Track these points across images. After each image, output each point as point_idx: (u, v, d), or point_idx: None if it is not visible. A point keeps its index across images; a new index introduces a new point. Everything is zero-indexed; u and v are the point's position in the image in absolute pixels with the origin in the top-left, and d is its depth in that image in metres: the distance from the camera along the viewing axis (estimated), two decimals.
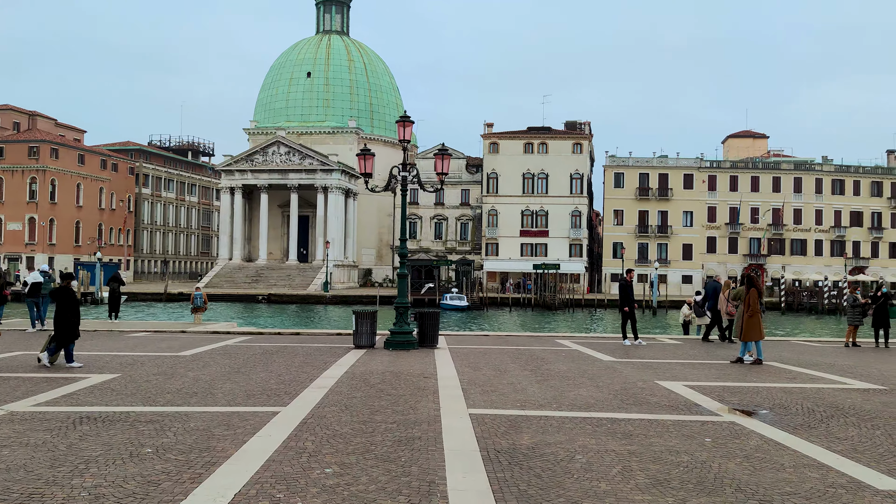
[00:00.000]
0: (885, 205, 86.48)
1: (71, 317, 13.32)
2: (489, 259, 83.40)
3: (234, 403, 9.66)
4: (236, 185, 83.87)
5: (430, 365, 14.22)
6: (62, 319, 13.24)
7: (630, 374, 13.41)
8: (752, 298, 15.71)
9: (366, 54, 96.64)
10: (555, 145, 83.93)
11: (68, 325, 13.24)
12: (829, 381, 13.07)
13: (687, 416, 9.41)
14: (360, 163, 17.81)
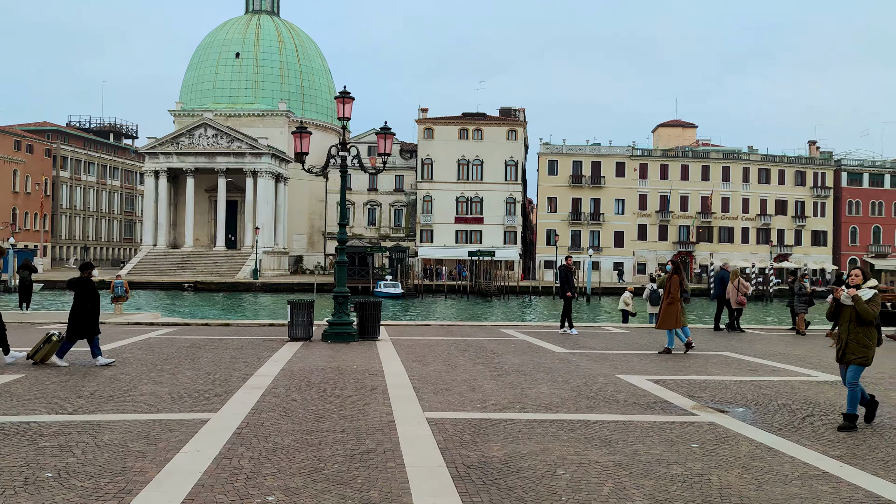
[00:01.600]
0: (808, 194, 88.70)
1: (93, 309, 12.20)
2: (424, 246, 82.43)
3: (157, 409, 8.46)
4: (161, 169, 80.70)
5: (374, 360, 13.18)
6: (83, 312, 12.08)
7: (587, 367, 12.64)
8: (673, 286, 15.17)
9: (297, 35, 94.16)
10: (490, 132, 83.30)
11: (90, 318, 12.10)
12: (791, 372, 12.54)
13: (661, 415, 8.63)
14: (295, 141, 16.56)
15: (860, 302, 8.02)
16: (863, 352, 8.13)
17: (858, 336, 8.10)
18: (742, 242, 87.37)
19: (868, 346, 8.14)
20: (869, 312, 8.02)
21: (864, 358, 8.14)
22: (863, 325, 8.10)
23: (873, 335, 8.22)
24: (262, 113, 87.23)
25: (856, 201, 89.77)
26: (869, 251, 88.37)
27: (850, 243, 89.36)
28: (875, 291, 8.10)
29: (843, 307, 8.25)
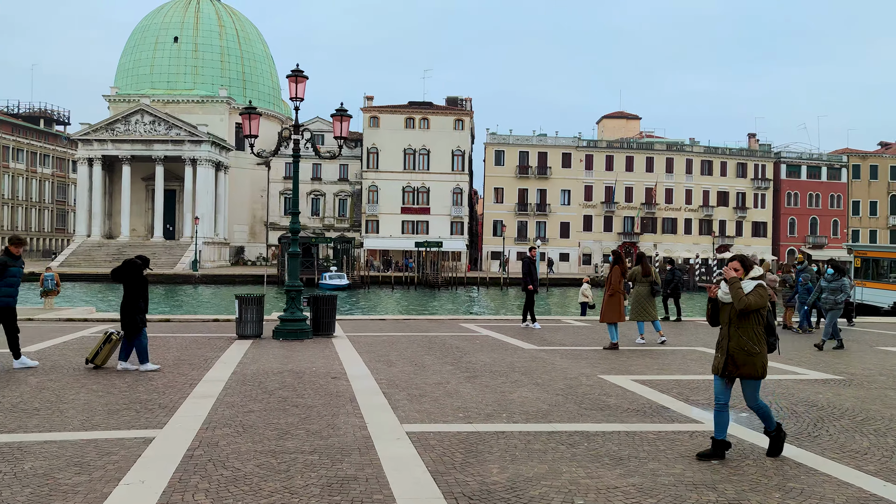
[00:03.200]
0: (749, 186, 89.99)
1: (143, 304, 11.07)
2: (369, 237, 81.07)
3: (91, 425, 7.28)
4: (95, 157, 77.47)
5: (333, 360, 12.11)
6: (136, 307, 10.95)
7: (564, 366, 11.80)
8: (614, 277, 14.46)
9: (238, 20, 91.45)
10: (436, 121, 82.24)
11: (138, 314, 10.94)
12: (777, 370, 11.89)
13: (664, 424, 7.80)
14: (244, 122, 15.28)
15: (735, 286, 6.39)
16: (750, 361, 6.38)
17: (741, 340, 6.38)
18: (685, 233, 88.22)
19: (754, 353, 6.38)
20: (742, 299, 6.33)
21: (753, 367, 6.41)
22: (744, 323, 6.38)
23: (759, 338, 6.43)
24: (201, 99, 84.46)
25: (794, 193, 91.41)
26: (807, 242, 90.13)
27: (789, 234, 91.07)
28: (760, 283, 6.46)
29: (724, 306, 6.57)
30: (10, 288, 10.84)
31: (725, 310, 6.57)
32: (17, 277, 10.94)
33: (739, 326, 6.41)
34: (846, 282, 15.52)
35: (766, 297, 6.41)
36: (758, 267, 6.62)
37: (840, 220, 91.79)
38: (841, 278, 15.48)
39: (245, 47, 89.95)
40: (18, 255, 11.03)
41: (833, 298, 15.37)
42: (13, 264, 10.87)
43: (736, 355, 6.40)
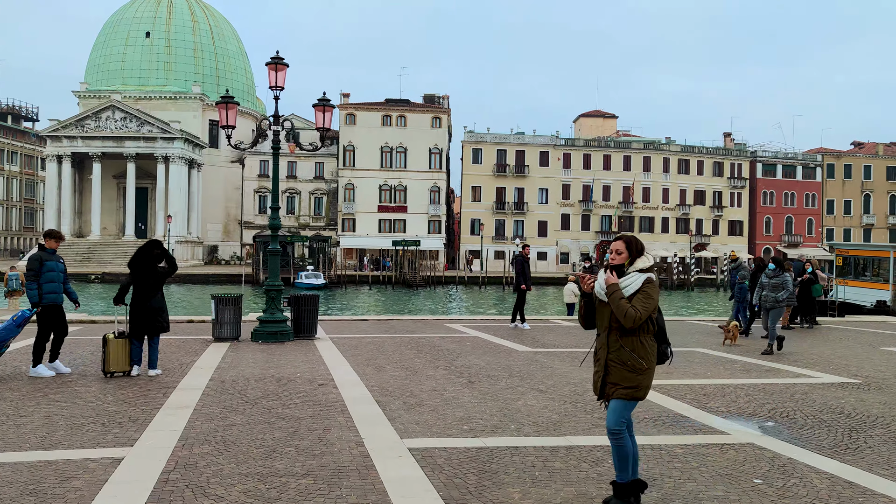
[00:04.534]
0: (725, 184, 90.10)
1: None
2: (346, 235, 80.00)
3: (52, 443, 6.44)
4: (65, 154, 75.66)
5: (318, 364, 11.31)
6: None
7: (566, 370, 11.10)
8: None
9: (212, 16, 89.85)
10: (414, 118, 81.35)
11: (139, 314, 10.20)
12: (789, 373, 11.31)
13: (688, 435, 7.12)
14: (220, 113, 14.43)
15: (616, 295, 4.84)
16: (630, 379, 4.88)
17: (622, 353, 4.89)
18: (662, 232, 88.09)
19: (639, 370, 4.88)
20: (628, 313, 4.78)
21: (633, 388, 4.90)
22: (628, 335, 4.90)
23: (648, 350, 4.94)
24: (174, 96, 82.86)
25: (770, 192, 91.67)
26: (782, 240, 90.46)
27: (765, 233, 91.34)
28: (648, 276, 4.88)
29: (603, 305, 5.00)
30: (53, 284, 10.04)
31: (604, 310, 4.99)
32: (57, 272, 10.12)
33: (623, 334, 4.90)
34: (788, 278, 14.09)
35: (656, 297, 4.89)
36: (647, 255, 5.00)
37: (815, 218, 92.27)
38: (782, 274, 14.11)
39: (219, 43, 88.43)
40: (55, 250, 10.22)
41: (773, 296, 13.93)
42: (50, 258, 10.08)
43: (614, 371, 4.92)
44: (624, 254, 4.98)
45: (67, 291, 10.25)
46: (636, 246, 5.00)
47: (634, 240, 5.00)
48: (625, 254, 4.98)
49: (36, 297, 9.94)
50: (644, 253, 4.99)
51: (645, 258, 4.96)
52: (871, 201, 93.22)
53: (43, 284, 9.97)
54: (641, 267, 4.93)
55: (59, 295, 10.14)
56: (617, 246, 5.02)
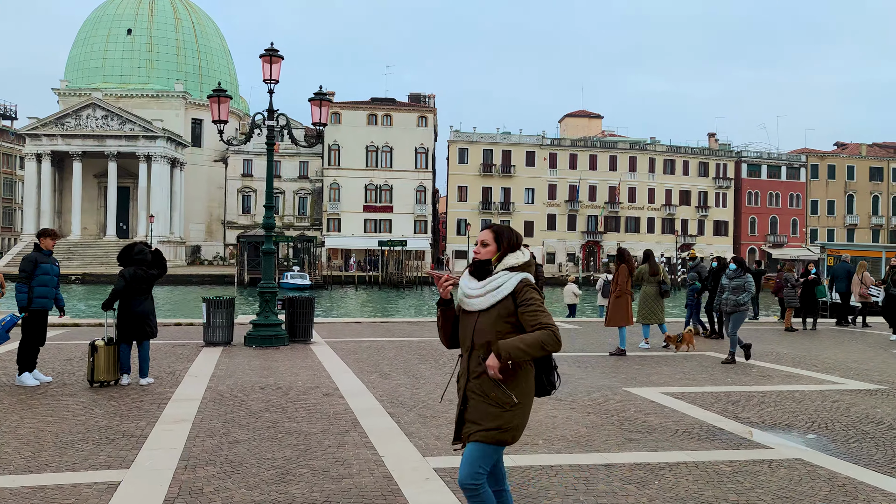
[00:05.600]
0: (711, 184, 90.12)
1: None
2: (331, 235, 79.22)
3: (38, 465, 5.82)
4: (44, 152, 74.33)
5: (318, 371, 10.72)
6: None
7: (580, 377, 10.57)
8: (621, 277, 13.35)
9: (195, 13, 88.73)
10: (400, 118, 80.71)
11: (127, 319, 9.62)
12: (812, 379, 10.85)
13: (730, 451, 6.61)
14: (212, 107, 13.80)
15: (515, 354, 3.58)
16: (493, 417, 3.66)
17: (485, 382, 3.67)
18: (648, 232, 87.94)
19: (506, 405, 3.65)
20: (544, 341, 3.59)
21: (497, 430, 3.67)
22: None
23: (520, 378, 3.73)
24: (156, 94, 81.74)
25: (755, 192, 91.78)
26: (767, 241, 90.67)
27: (750, 233, 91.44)
28: (524, 278, 3.72)
29: (467, 315, 3.81)
30: (45, 288, 9.34)
31: (467, 322, 3.78)
32: (51, 276, 9.41)
33: (488, 356, 3.64)
34: (750, 279, 12.82)
35: (538, 304, 3.71)
36: (523, 250, 3.88)
37: (799, 219, 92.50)
38: (744, 274, 12.84)
39: (202, 41, 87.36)
40: (51, 251, 9.53)
41: (735, 299, 12.62)
42: (45, 261, 9.38)
43: (474, 405, 3.69)
44: (491, 246, 3.81)
45: (56, 298, 9.56)
46: (508, 238, 3.82)
47: (507, 230, 3.86)
48: (492, 246, 3.81)
49: (25, 300, 9.25)
50: (520, 248, 3.86)
51: (519, 253, 3.81)
52: (854, 201, 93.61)
53: (34, 288, 9.29)
54: (512, 264, 3.75)
55: (50, 301, 9.46)
56: (484, 237, 3.84)
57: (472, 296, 3.73)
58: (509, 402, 3.65)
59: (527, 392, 3.74)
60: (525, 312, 3.63)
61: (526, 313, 3.63)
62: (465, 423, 3.75)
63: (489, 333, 3.67)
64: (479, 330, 3.70)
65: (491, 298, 3.67)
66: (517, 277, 3.69)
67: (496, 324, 3.66)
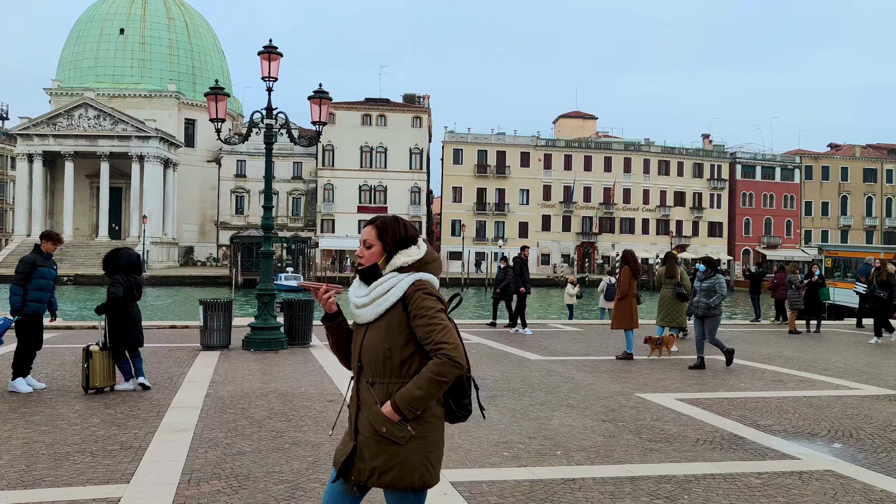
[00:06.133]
0: (705, 185, 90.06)
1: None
2: (325, 236, 78.83)
3: (33, 479, 5.49)
4: (36, 152, 73.75)
5: (320, 376, 10.42)
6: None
7: (590, 382, 10.30)
8: (623, 279, 13.10)
9: (187, 13, 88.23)
10: (394, 118, 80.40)
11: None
12: (827, 384, 10.59)
13: (756, 461, 6.33)
14: (209, 105, 13.48)
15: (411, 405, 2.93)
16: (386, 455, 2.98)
17: (374, 411, 3.00)
18: (643, 233, 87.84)
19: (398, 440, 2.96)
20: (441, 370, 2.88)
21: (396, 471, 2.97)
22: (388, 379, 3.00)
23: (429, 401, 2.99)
24: (149, 94, 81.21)
25: (749, 193, 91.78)
26: (761, 242, 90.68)
27: (744, 234, 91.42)
28: (417, 279, 3.03)
29: (356, 326, 3.16)
30: (40, 292, 9.00)
31: (356, 337, 3.11)
32: (48, 280, 9.06)
33: (378, 377, 3.01)
34: (721, 280, 12.12)
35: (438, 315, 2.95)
36: (419, 244, 3.11)
37: (794, 220, 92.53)
38: (714, 275, 12.21)
39: (195, 41, 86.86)
40: (51, 254, 9.21)
41: (706, 302, 11.98)
42: (44, 264, 9.05)
43: (365, 439, 3.01)
44: (375, 247, 3.07)
45: (49, 301, 9.22)
46: (394, 231, 3.07)
47: (393, 222, 3.09)
48: (376, 246, 3.07)
49: (19, 303, 8.91)
50: (414, 242, 3.10)
51: (412, 249, 3.07)
52: (848, 203, 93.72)
53: (29, 291, 8.95)
54: (402, 264, 3.03)
55: (44, 305, 9.12)
56: (365, 235, 3.11)
57: (358, 305, 3.06)
58: (401, 436, 2.92)
59: (429, 420, 2.98)
60: (417, 326, 2.93)
61: (418, 327, 2.93)
62: (356, 461, 3.01)
63: (378, 350, 2.97)
64: (367, 346, 3.01)
65: (377, 308, 2.99)
66: (408, 279, 3.00)
67: (387, 337, 2.96)
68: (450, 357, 2.86)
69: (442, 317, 2.94)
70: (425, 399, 2.89)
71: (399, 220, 3.13)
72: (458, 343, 2.91)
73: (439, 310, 2.96)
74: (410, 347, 2.97)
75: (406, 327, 2.97)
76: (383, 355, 2.97)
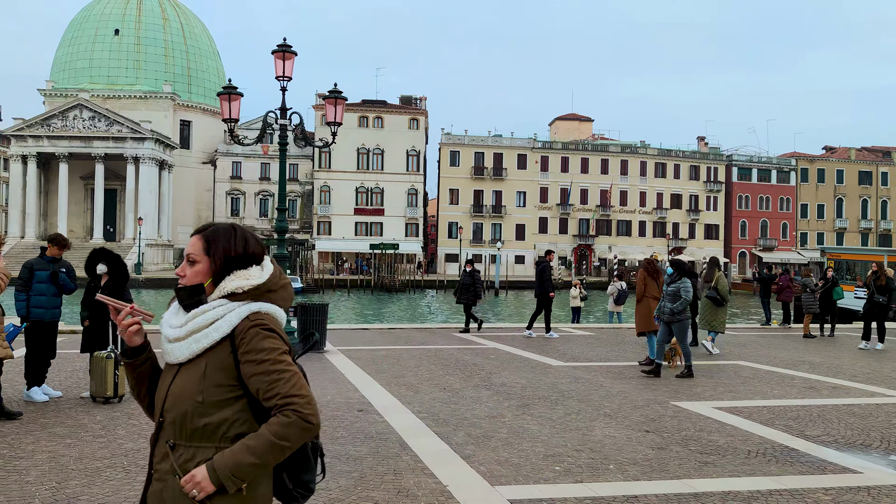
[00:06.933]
0: (702, 188, 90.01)
1: None
2: (321, 238, 78.42)
3: (65, 497, 5.17)
4: (30, 153, 73.10)
5: (343, 384, 10.12)
6: None
7: (621, 390, 10.03)
8: (640, 279, 12.93)
9: (183, 14, 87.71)
10: (391, 120, 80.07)
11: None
12: (862, 391, 10.36)
13: (817, 475, 6.08)
14: (222, 105, 13.18)
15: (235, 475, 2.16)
16: None
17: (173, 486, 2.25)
18: (639, 235, 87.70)
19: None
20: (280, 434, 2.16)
21: None
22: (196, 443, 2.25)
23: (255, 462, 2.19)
24: (144, 95, 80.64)
25: (745, 196, 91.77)
26: (757, 244, 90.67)
27: (741, 237, 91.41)
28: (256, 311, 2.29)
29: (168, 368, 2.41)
30: (42, 297, 8.68)
31: (164, 380, 2.38)
32: (48, 284, 8.72)
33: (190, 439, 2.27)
34: (687, 284, 11.37)
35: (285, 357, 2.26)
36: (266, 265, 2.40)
37: (789, 222, 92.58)
38: (681, 279, 11.45)
39: (190, 42, 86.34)
40: (58, 258, 8.89)
41: (670, 307, 11.33)
42: (43, 268, 8.74)
43: None
44: (201, 263, 2.35)
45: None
46: (227, 245, 2.35)
47: (226, 233, 2.38)
48: (202, 263, 2.35)
49: (22, 310, 8.64)
50: (257, 261, 2.38)
51: (255, 271, 2.35)
52: (843, 205, 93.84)
53: (31, 297, 8.66)
54: (235, 289, 2.30)
55: (48, 311, 8.79)
56: (191, 248, 2.38)
57: (170, 338, 2.31)
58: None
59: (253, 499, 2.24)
60: (252, 375, 2.20)
61: (254, 376, 2.20)
62: None
63: (188, 402, 2.23)
64: (175, 394, 2.27)
65: (194, 344, 2.25)
66: (241, 311, 2.26)
67: (203, 386, 2.23)
68: (301, 415, 2.16)
69: (287, 362, 2.23)
70: (258, 469, 2.16)
71: (237, 229, 2.41)
72: (311, 397, 2.21)
73: (283, 352, 2.23)
74: (233, 403, 2.24)
75: (232, 375, 2.23)
76: (193, 409, 2.22)
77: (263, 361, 2.19)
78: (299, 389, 2.19)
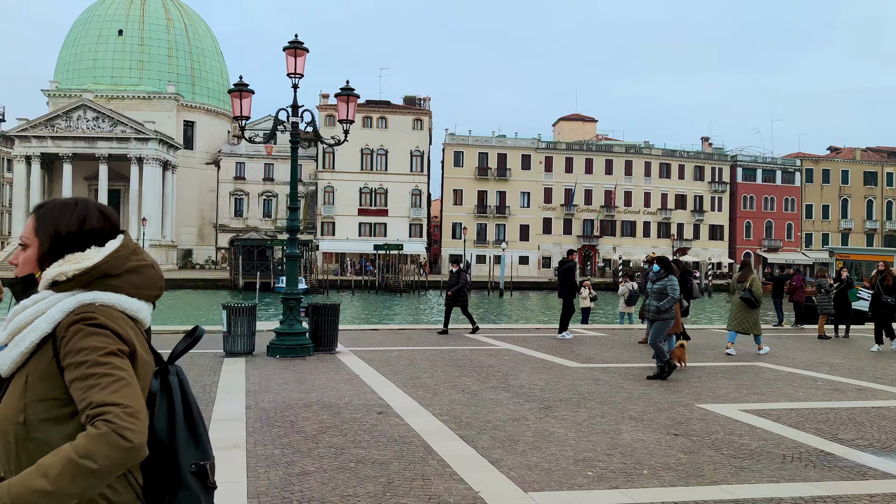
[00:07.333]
0: (706, 189, 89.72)
1: None
2: (325, 239, 78.24)
3: None
4: (34, 154, 73.04)
5: (359, 385, 9.92)
6: None
7: (643, 392, 9.83)
8: None
9: (186, 14, 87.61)
10: (394, 120, 79.89)
11: None
12: (891, 394, 10.15)
13: (858, 480, 5.88)
14: (233, 102, 13.00)
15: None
16: None
17: None
18: (644, 236, 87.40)
19: None
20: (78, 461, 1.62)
21: None
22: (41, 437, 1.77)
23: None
24: (148, 95, 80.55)
25: (750, 196, 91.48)
26: (762, 245, 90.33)
27: (745, 237, 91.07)
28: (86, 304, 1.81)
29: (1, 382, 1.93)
30: None
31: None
32: None
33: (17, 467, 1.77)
34: (673, 282, 11.07)
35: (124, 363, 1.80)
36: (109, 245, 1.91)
37: (794, 223, 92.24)
38: (666, 277, 11.11)
39: (194, 42, 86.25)
40: None
41: (656, 305, 11.03)
42: None
43: None
44: (31, 248, 1.94)
45: None
46: (58, 224, 1.92)
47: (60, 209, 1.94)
48: (32, 247, 1.94)
49: None
50: (98, 241, 1.92)
51: (91, 252, 1.88)
52: (848, 206, 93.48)
53: None
54: (56, 276, 1.87)
55: None
56: (24, 232, 1.97)
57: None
58: None
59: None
60: (72, 382, 1.74)
61: (73, 383, 1.74)
62: None
63: (9, 423, 1.80)
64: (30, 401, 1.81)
65: (14, 349, 1.82)
66: (64, 304, 1.82)
67: (24, 402, 1.80)
68: (114, 427, 1.65)
69: (113, 364, 1.74)
70: (52, 500, 1.60)
71: (80, 203, 1.96)
72: (137, 409, 1.71)
73: (108, 353, 1.75)
74: (65, 422, 1.78)
75: (58, 385, 1.78)
76: (14, 432, 1.79)
77: (81, 364, 1.72)
78: (121, 397, 1.69)
